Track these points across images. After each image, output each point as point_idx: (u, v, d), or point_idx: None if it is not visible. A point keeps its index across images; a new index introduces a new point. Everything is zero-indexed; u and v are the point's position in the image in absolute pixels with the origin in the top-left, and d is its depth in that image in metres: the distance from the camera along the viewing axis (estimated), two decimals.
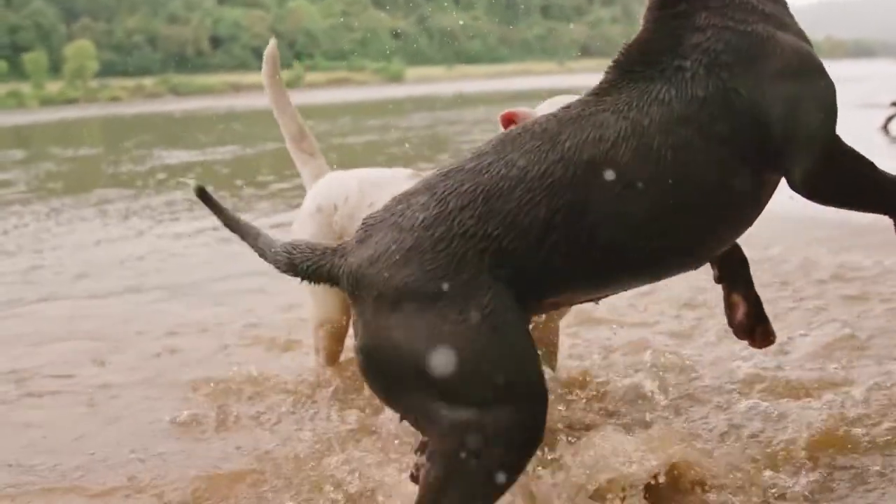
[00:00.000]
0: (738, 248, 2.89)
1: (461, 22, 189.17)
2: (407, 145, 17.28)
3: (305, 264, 2.41)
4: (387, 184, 3.61)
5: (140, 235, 9.25)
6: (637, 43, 2.60)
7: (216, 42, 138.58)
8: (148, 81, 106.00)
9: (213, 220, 2.54)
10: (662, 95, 2.34)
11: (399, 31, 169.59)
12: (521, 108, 3.21)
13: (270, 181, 13.27)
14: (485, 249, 2.18)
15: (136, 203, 11.54)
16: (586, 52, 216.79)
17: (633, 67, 2.49)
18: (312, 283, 2.44)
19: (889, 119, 15.55)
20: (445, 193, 2.28)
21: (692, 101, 2.32)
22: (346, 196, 3.76)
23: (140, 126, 36.82)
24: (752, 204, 2.47)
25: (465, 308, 2.12)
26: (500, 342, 2.15)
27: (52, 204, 11.92)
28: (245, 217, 2.70)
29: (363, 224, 2.40)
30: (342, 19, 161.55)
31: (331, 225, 3.79)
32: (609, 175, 2.23)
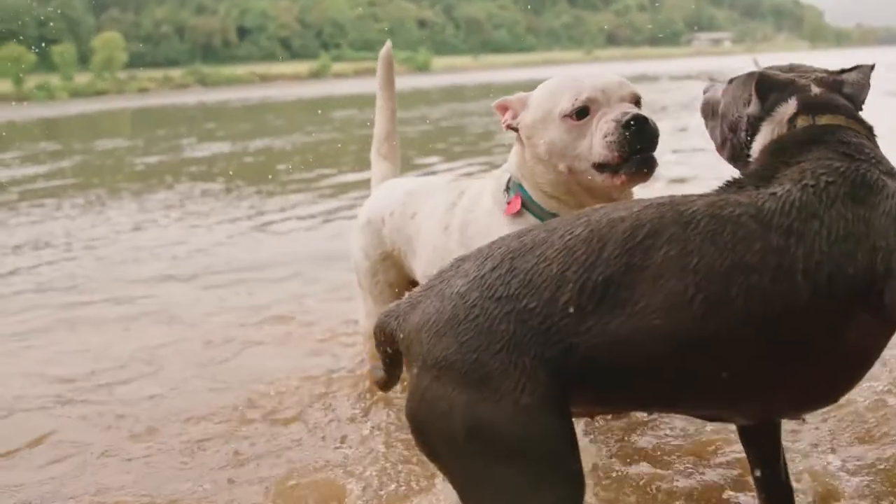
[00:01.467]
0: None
1: (488, 11, 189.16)
2: (450, 139, 17.23)
3: (382, 330, 2.33)
4: (426, 194, 3.61)
5: (183, 226, 9.33)
6: (746, 172, 2.36)
7: (243, 32, 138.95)
8: (176, 72, 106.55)
9: (247, 210, 2.56)
10: (760, 218, 2.11)
11: (425, 20, 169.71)
12: (512, 97, 3.20)
13: (305, 174, 13.33)
14: (510, 311, 2.09)
15: (173, 194, 11.62)
16: (613, 40, 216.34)
17: (734, 187, 2.26)
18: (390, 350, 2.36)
19: None
20: (484, 258, 2.23)
21: (787, 230, 2.08)
22: (392, 210, 3.71)
23: (171, 117, 37.00)
24: (832, 345, 2.14)
25: (499, 387, 2.05)
26: (534, 427, 2.07)
27: (93, 195, 12.01)
28: (277, 207, 2.72)
29: (420, 287, 2.35)
30: (369, 9, 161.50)
31: (381, 237, 3.78)
32: (665, 272, 2.07)
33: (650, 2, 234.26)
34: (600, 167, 2.98)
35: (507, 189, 3.23)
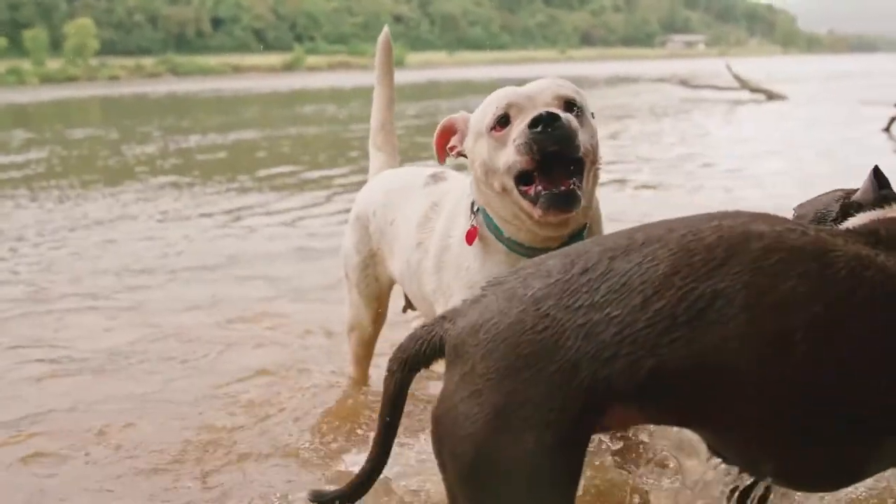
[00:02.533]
0: None
1: (463, 8, 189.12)
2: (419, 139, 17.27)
3: (419, 348, 2.18)
4: (403, 196, 3.49)
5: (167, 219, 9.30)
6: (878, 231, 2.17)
7: (217, 23, 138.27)
8: (147, 61, 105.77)
9: (221, 206, 2.55)
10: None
11: (401, 15, 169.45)
12: (457, 116, 3.05)
13: (278, 169, 13.31)
14: (583, 324, 1.94)
15: (146, 187, 11.56)
16: (587, 40, 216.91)
17: (878, 245, 2.09)
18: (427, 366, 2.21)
19: (892, 120, 15.60)
20: (577, 256, 2.05)
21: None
22: (375, 209, 3.63)
23: (142, 107, 36.79)
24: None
25: (529, 418, 1.93)
26: (547, 471, 1.97)
27: (66, 187, 11.91)
28: (250, 202, 2.72)
29: (488, 282, 2.18)
30: (344, 3, 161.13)
31: (369, 234, 3.68)
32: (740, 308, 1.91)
33: (625, 2, 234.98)
34: (519, 179, 2.71)
35: (474, 211, 3.03)
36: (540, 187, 2.65)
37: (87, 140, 20.21)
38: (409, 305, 3.77)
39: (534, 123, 2.61)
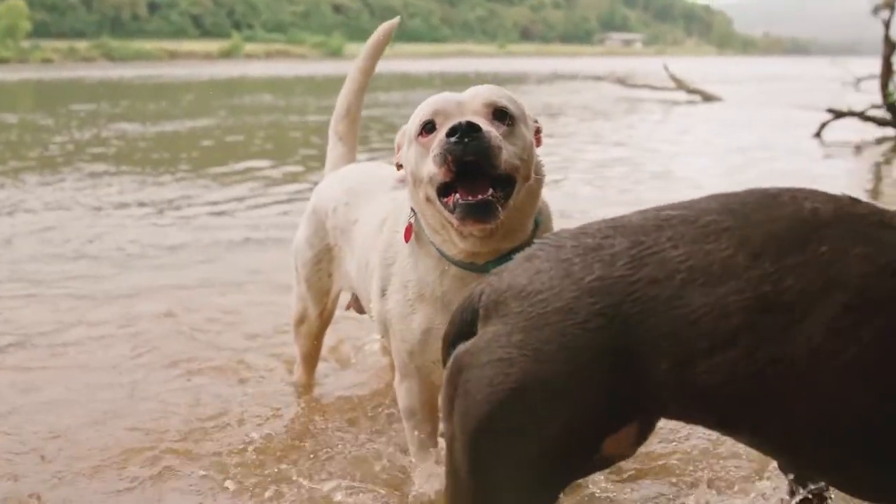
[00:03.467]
0: None
1: (404, 0, 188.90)
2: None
3: (463, 316, 2.05)
4: (367, 196, 3.31)
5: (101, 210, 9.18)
6: None
7: (153, 7, 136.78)
8: (81, 44, 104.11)
9: (158, 195, 2.51)
10: None
11: (340, 5, 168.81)
12: (400, 132, 2.88)
13: (216, 159, 13.20)
14: (668, 298, 1.77)
15: (83, 176, 11.39)
16: (526, 35, 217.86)
17: None
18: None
19: (823, 126, 15.91)
20: (640, 248, 1.87)
21: None
22: (335, 206, 3.44)
23: (77, 92, 36.11)
24: None
25: (559, 412, 1.83)
26: (558, 465, 1.92)
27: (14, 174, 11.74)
28: (196, 193, 2.67)
29: (546, 237, 2.02)
30: None
31: (325, 230, 3.53)
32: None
33: None
34: (441, 190, 2.55)
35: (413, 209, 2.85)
36: (458, 196, 2.49)
37: (19, 125, 19.84)
38: (356, 305, 3.67)
39: (451, 132, 2.46)
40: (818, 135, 15.79)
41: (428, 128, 2.62)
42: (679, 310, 1.76)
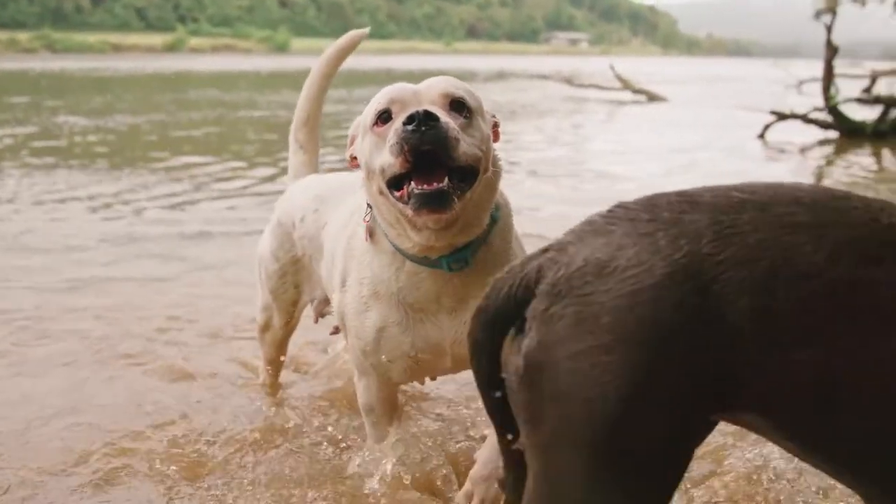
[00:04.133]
0: None
1: None
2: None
3: (510, 293, 1.81)
4: (338, 200, 3.20)
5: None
6: None
7: None
8: (23, 35, 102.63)
9: (102, 190, 2.46)
10: None
11: (287, 0, 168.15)
12: (354, 124, 2.79)
13: (162, 154, 13.08)
14: (740, 310, 1.65)
15: (26, 171, 11.21)
16: (473, 33, 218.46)
17: None
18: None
19: (766, 127, 16.18)
20: (725, 223, 1.71)
21: None
22: (303, 215, 3.36)
23: (18, 84, 35.41)
24: None
25: (671, 397, 1.66)
26: (672, 460, 1.74)
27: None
28: (143, 188, 2.62)
29: (616, 206, 1.84)
30: None
31: (292, 241, 3.45)
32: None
33: None
34: (392, 183, 2.49)
35: (370, 205, 2.78)
36: (413, 185, 2.42)
37: None
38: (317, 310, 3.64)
39: (408, 121, 2.38)
40: (762, 136, 16.00)
41: (383, 117, 2.54)
42: (763, 298, 1.64)
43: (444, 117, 2.43)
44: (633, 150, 14.50)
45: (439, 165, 2.41)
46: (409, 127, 2.37)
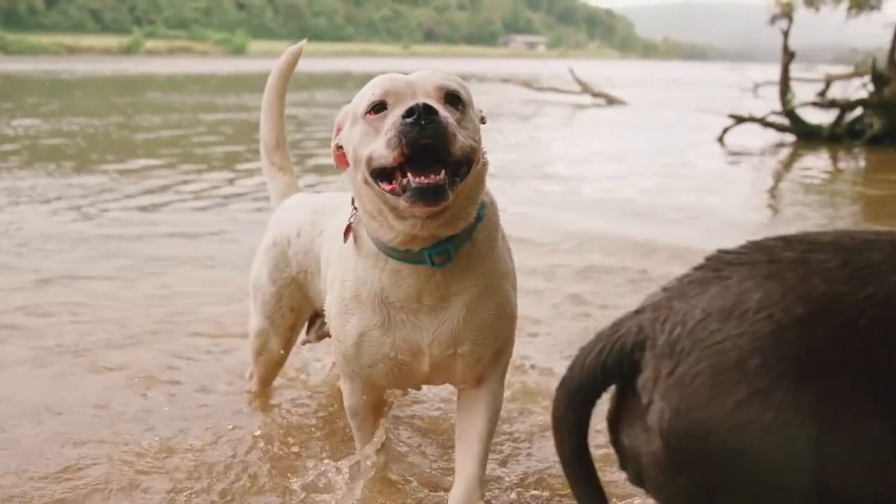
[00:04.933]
0: None
1: None
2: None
3: (599, 361, 1.69)
4: (334, 210, 3.14)
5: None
6: None
7: (51, 1, 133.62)
8: None
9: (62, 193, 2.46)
10: None
11: (244, 2, 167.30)
12: (341, 112, 2.72)
13: (121, 158, 12.99)
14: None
15: None
16: (431, 36, 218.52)
17: None
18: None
19: (725, 130, 16.42)
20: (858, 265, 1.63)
21: None
22: (300, 230, 3.34)
23: None
24: None
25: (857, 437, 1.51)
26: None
27: None
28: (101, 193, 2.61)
29: (714, 257, 1.76)
30: None
31: (287, 260, 3.42)
32: None
33: (470, 1, 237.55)
34: (379, 174, 2.46)
35: (354, 206, 2.75)
36: (409, 178, 2.39)
37: None
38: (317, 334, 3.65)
39: (408, 114, 2.36)
40: (721, 139, 16.20)
41: (377, 108, 2.49)
42: None
43: (443, 111, 2.41)
44: (594, 152, 14.62)
45: (435, 159, 2.39)
46: (409, 120, 2.35)
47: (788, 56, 16.46)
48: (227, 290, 5.61)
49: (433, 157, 2.39)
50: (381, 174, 2.44)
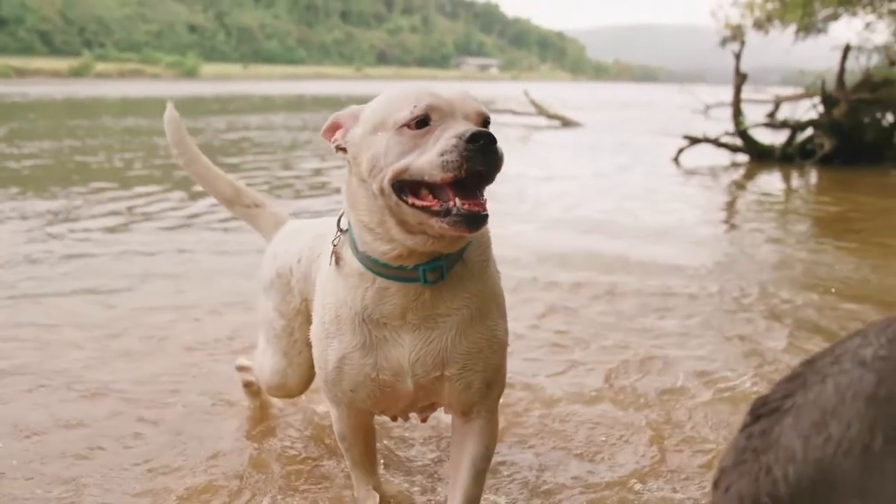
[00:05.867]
0: None
1: (260, 20, 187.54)
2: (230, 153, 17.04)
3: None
4: (330, 237, 2.91)
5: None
6: None
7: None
8: None
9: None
10: None
11: (196, 25, 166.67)
12: (345, 112, 2.65)
13: (80, 184, 12.96)
14: None
15: None
16: (383, 59, 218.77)
17: None
18: None
19: (680, 151, 16.74)
20: None
21: None
22: (300, 256, 3.23)
23: None
24: None
25: None
26: None
27: None
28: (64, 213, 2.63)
29: (803, 369, 1.43)
30: (138, 9, 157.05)
31: (291, 290, 3.29)
32: None
33: (422, 24, 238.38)
34: (405, 188, 2.40)
35: (340, 228, 2.73)
36: (456, 203, 2.35)
37: None
38: None
39: (472, 139, 2.31)
40: (676, 159, 16.49)
41: (419, 123, 2.41)
42: None
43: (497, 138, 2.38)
44: (552, 173, 14.75)
45: (477, 185, 2.39)
46: (472, 146, 2.31)
47: (741, 78, 16.81)
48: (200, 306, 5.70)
49: (475, 184, 2.38)
50: (400, 187, 2.40)
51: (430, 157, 2.35)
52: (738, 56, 16.99)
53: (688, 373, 4.65)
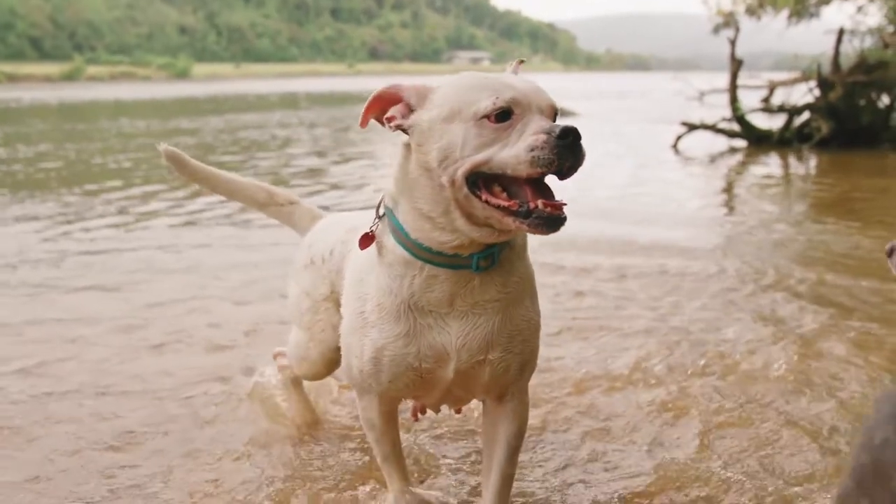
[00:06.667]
0: None
1: (251, 20, 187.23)
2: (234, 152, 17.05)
3: None
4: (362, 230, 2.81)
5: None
6: None
7: None
8: None
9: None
10: None
11: (186, 26, 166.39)
12: (406, 85, 2.54)
13: (86, 186, 12.97)
14: None
15: None
16: (375, 55, 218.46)
17: None
18: None
19: (679, 138, 16.94)
20: None
21: None
22: (332, 248, 3.20)
23: None
24: None
25: None
26: None
27: None
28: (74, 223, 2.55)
29: None
30: (127, 12, 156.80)
31: (322, 278, 3.26)
32: None
33: (412, 19, 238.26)
34: (478, 180, 2.34)
35: (379, 215, 2.64)
36: (539, 205, 2.31)
37: None
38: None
39: (563, 135, 2.25)
40: (674, 146, 16.56)
41: (502, 116, 2.33)
42: None
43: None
44: None
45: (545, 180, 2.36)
46: (563, 143, 2.26)
47: (736, 64, 16.88)
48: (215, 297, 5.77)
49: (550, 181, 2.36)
50: (473, 180, 2.35)
51: (517, 151, 2.29)
52: (732, 42, 17.07)
53: (714, 352, 4.70)
